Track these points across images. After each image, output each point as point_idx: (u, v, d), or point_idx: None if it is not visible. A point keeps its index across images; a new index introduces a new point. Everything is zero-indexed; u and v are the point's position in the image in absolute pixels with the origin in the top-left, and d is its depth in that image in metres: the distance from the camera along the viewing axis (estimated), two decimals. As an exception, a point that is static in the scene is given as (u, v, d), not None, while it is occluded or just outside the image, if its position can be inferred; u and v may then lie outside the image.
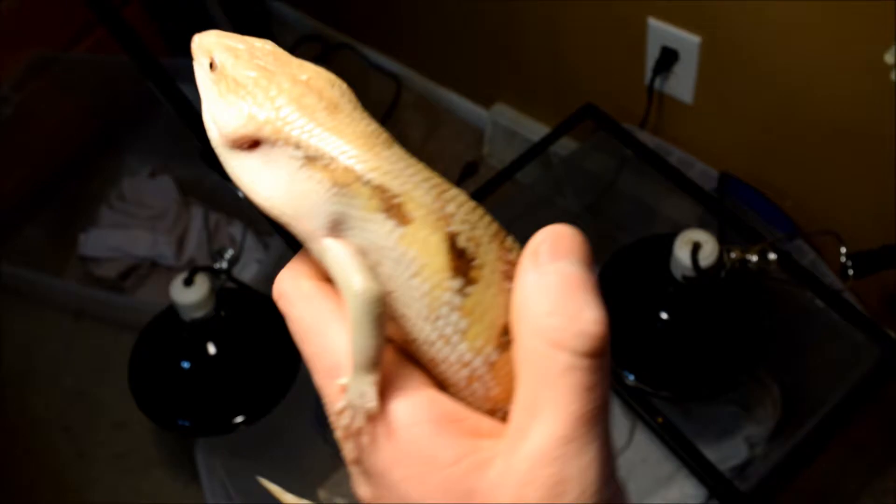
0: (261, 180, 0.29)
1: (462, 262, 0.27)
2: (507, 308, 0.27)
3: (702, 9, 1.19)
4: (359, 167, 0.27)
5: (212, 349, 1.16)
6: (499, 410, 0.28)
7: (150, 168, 1.86)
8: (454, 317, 0.27)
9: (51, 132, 1.76)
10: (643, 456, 1.34)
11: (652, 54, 1.31)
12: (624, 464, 1.34)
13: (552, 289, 0.26)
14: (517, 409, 0.26)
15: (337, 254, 0.27)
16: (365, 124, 0.29)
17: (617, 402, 1.27)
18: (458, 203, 0.28)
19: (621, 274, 1.22)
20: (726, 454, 1.27)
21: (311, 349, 0.29)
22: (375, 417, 0.26)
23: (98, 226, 1.77)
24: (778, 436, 1.30)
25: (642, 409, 1.11)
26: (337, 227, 0.28)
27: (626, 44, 1.35)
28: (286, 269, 0.31)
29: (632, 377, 1.13)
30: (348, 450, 0.27)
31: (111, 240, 1.72)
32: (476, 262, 0.27)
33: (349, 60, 2.01)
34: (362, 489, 0.28)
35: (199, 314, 1.11)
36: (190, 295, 1.09)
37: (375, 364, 0.26)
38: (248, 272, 1.53)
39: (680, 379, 1.12)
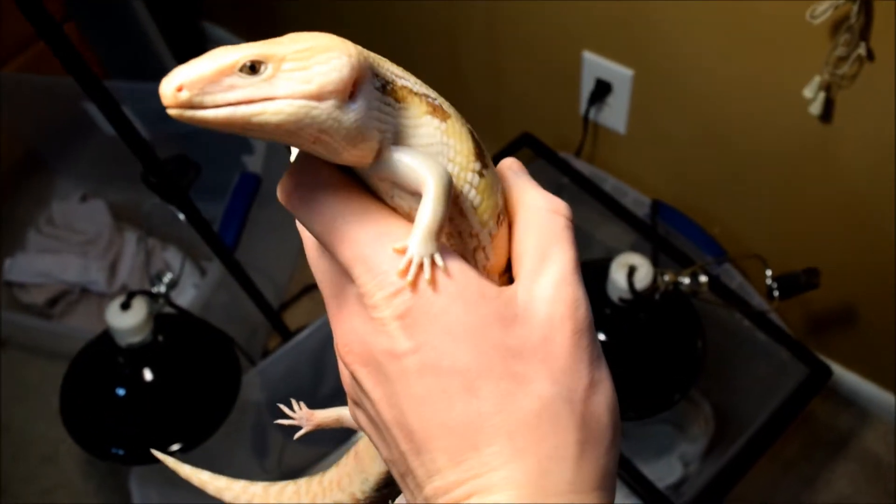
0: (367, 118, 0.31)
1: (480, 149, 0.34)
2: (501, 194, 0.35)
3: (634, 43, 1.25)
4: (407, 83, 0.33)
5: (148, 375, 1.13)
6: (490, 278, 0.34)
7: (82, 192, 1.82)
8: (472, 194, 0.33)
9: (-24, 154, 1.70)
10: (581, 477, 1.36)
11: (587, 86, 1.35)
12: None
13: (535, 186, 0.36)
14: (527, 259, 0.33)
15: (411, 153, 0.32)
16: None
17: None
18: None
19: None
20: (662, 473, 1.31)
21: (354, 221, 0.32)
22: (438, 262, 0.31)
23: (25, 251, 1.71)
24: (711, 454, 1.34)
25: (581, 430, 1.13)
26: (399, 137, 0.32)
27: (563, 76, 1.39)
28: (295, 166, 0.33)
29: (571, 398, 1.15)
30: (398, 304, 0.31)
31: (39, 265, 1.67)
32: (486, 152, 0.34)
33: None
34: (402, 343, 0.31)
35: (135, 339, 1.08)
36: (127, 319, 1.06)
37: (441, 233, 0.31)
38: (184, 297, 1.51)
39: (618, 399, 1.15)
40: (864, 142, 1.07)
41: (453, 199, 0.32)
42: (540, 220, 0.34)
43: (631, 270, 1.06)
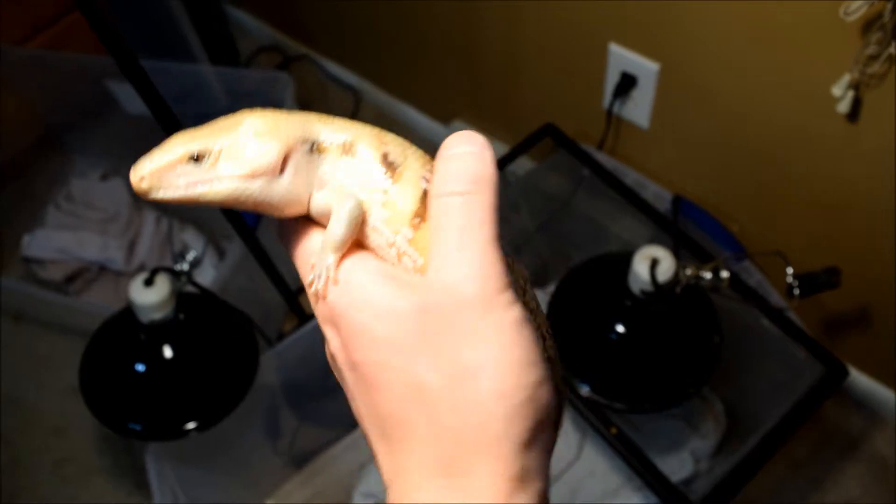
0: (295, 183, 0.37)
1: (390, 166, 0.38)
2: (419, 199, 0.37)
3: (662, 37, 1.25)
4: (323, 136, 0.38)
5: (168, 353, 1.14)
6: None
7: (101, 170, 1.83)
8: (376, 210, 0.37)
9: (-3, 128, 1.71)
10: (591, 469, 1.37)
11: (612, 78, 1.35)
12: (573, 477, 1.36)
13: (445, 170, 0.36)
14: (433, 249, 0.35)
15: (324, 192, 0.38)
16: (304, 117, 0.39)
17: (570, 413, 1.30)
18: (392, 138, 0.39)
19: (578, 289, 1.25)
20: (673, 468, 1.31)
21: (297, 245, 0.39)
22: (329, 273, 0.36)
23: (44, 227, 1.72)
24: (722, 451, 1.34)
25: (596, 420, 1.14)
26: (321, 183, 0.38)
27: (588, 67, 1.39)
28: None
29: (586, 388, 1.15)
30: (321, 310, 0.36)
31: (58, 241, 1.67)
32: (399, 169, 0.38)
33: (308, 72, 2.02)
34: (333, 343, 0.36)
35: (157, 316, 1.09)
36: (150, 295, 1.07)
37: (342, 246, 0.36)
38: (203, 278, 1.51)
39: (634, 391, 1.16)
40: (890, 143, 1.07)
41: (363, 215, 0.37)
42: (434, 209, 0.36)
43: (653, 263, 1.06)
